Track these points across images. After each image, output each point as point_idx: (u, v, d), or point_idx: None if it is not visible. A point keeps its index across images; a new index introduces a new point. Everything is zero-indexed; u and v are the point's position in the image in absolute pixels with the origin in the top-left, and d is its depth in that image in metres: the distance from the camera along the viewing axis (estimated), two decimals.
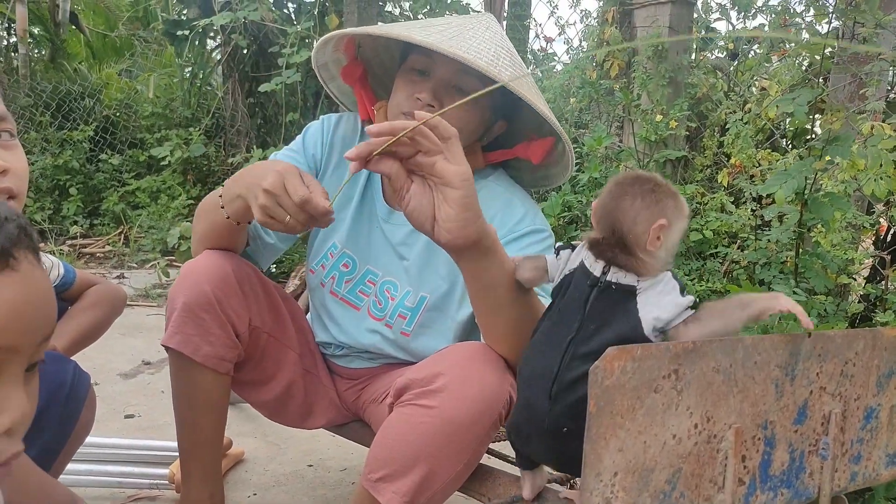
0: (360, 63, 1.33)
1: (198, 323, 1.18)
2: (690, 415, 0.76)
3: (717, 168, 2.83)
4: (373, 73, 1.38)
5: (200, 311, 1.18)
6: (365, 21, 3.48)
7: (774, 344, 0.82)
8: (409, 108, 1.19)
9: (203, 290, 1.18)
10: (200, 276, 1.19)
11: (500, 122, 1.30)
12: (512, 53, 1.21)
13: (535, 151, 1.26)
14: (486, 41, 1.17)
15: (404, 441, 1.02)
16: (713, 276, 2.38)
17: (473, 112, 1.22)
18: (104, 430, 1.91)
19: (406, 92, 1.21)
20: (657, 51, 2.77)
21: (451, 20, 1.25)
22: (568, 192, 2.58)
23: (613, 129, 2.94)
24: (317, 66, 1.35)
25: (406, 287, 1.29)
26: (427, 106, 1.18)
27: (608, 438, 0.69)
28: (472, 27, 1.21)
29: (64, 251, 4.40)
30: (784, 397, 0.84)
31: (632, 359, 0.70)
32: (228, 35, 4.37)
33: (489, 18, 1.28)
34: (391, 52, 1.35)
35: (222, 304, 1.19)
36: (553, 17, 4.19)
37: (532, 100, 1.14)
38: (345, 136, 1.35)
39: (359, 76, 1.32)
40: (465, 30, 1.19)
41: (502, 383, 1.01)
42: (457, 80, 1.19)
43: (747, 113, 2.62)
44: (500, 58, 1.16)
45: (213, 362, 1.21)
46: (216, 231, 1.21)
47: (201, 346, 1.19)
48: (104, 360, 2.51)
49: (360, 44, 1.32)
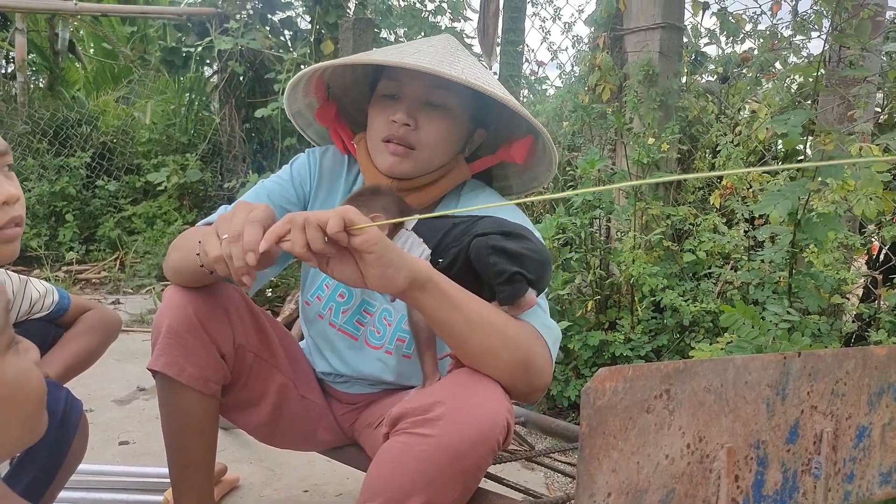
0: (332, 103, 1.35)
1: (182, 345, 1.19)
2: (683, 435, 0.76)
3: (708, 190, 2.85)
4: (346, 112, 1.40)
5: (184, 333, 1.19)
6: (360, 47, 3.53)
7: (765, 364, 0.82)
8: (386, 133, 1.21)
9: (186, 313, 1.19)
10: (183, 300, 1.20)
11: (479, 130, 1.31)
12: (475, 63, 1.23)
13: (518, 151, 1.27)
14: (449, 54, 1.20)
15: (401, 470, 1.01)
16: (707, 297, 2.39)
17: (451, 125, 1.24)
18: (98, 457, 1.89)
19: (382, 118, 1.23)
20: (648, 75, 2.81)
21: (410, 43, 1.28)
22: (562, 214, 2.60)
23: (606, 152, 2.97)
24: (291, 115, 1.37)
25: (402, 311, 1.30)
26: (403, 125, 1.20)
27: (601, 459, 0.70)
28: (433, 44, 1.24)
29: (60, 277, 4.40)
30: (776, 416, 0.85)
31: (623, 379, 0.70)
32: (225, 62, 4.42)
33: (448, 37, 1.30)
34: (360, 86, 1.37)
35: (206, 326, 1.20)
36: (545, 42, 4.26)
37: (502, 97, 1.15)
38: (333, 168, 1.37)
39: (333, 115, 1.34)
40: (427, 48, 1.22)
41: (500, 410, 1.01)
42: (427, 95, 1.22)
43: (738, 135, 2.65)
44: (467, 67, 1.18)
45: (198, 384, 1.21)
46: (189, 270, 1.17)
47: (186, 367, 1.20)
48: (99, 385, 2.50)
49: (329, 84, 1.34)
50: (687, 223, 2.63)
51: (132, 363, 2.84)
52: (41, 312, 1.34)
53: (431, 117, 1.22)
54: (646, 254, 2.51)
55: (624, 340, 2.43)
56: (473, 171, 1.32)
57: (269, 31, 4.49)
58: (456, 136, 1.26)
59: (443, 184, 1.28)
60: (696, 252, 2.50)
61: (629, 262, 2.45)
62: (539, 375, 1.06)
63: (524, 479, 1.96)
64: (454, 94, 1.22)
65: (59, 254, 4.75)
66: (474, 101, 1.23)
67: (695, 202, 2.81)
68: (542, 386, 1.08)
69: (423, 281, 0.97)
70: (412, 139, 1.21)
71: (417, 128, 1.21)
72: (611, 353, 2.43)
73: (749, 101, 2.85)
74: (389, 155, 1.21)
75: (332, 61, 1.22)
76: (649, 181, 1.78)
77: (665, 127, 2.69)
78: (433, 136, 1.22)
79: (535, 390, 1.08)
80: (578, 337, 2.45)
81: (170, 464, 1.28)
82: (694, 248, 2.52)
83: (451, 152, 1.27)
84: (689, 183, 2.88)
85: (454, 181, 1.29)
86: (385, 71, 1.25)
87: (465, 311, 1.01)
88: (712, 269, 2.51)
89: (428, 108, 1.22)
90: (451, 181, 1.29)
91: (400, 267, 0.94)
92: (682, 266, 2.55)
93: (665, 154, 2.67)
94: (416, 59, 1.15)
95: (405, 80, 1.21)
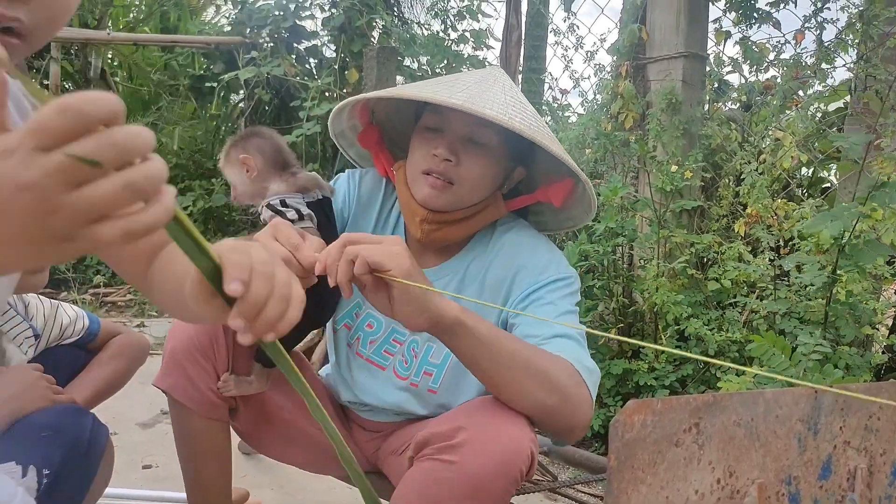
0: (375, 127, 1.36)
1: (184, 368, 1.21)
2: (713, 469, 0.75)
3: (733, 218, 2.83)
4: (388, 137, 1.42)
5: (186, 357, 1.21)
6: (383, 75, 3.58)
7: (796, 398, 0.81)
8: (427, 166, 1.22)
9: (189, 336, 1.21)
10: (188, 325, 1.22)
11: (518, 168, 1.31)
12: (523, 102, 1.24)
13: (556, 194, 1.27)
14: (496, 93, 1.20)
15: (424, 496, 1.01)
16: (733, 326, 2.36)
17: (491, 163, 1.24)
18: (122, 481, 1.90)
19: (423, 150, 1.23)
20: (671, 103, 2.81)
21: (459, 77, 1.29)
22: (585, 241, 2.59)
23: (629, 180, 2.97)
24: (334, 135, 1.39)
25: (428, 343, 1.30)
26: (444, 161, 1.20)
27: (630, 493, 0.69)
28: (481, 80, 1.24)
29: (87, 300, 4.47)
30: (807, 452, 0.83)
31: (652, 412, 0.70)
32: (252, 89, 4.51)
33: (497, 71, 1.31)
34: (403, 114, 1.39)
35: (206, 351, 1.21)
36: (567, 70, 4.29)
37: (545, 142, 1.16)
38: (371, 191, 1.38)
39: (375, 140, 1.36)
40: (475, 84, 1.23)
41: (523, 438, 1.01)
42: (470, 132, 1.22)
43: (762, 163, 2.64)
44: (510, 106, 1.18)
45: (202, 408, 1.22)
46: None
47: (188, 389, 1.21)
48: (123, 409, 2.52)
49: (374, 109, 1.36)
50: (711, 251, 2.61)
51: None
52: (72, 338, 1.36)
53: (472, 154, 1.22)
54: (669, 282, 2.49)
55: (648, 369, 2.40)
56: (510, 208, 1.32)
57: (295, 60, 4.58)
58: (495, 173, 1.27)
59: (478, 220, 1.28)
60: (721, 280, 2.47)
61: (653, 290, 2.43)
62: (575, 416, 1.05)
63: None
64: (496, 133, 1.22)
65: (87, 276, 4.83)
66: (517, 139, 1.23)
67: (719, 230, 2.79)
68: (579, 427, 1.06)
69: (453, 318, 0.98)
70: (452, 174, 1.21)
71: (458, 163, 1.21)
72: (634, 382, 2.41)
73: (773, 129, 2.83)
74: (428, 187, 1.22)
75: (377, 92, 1.23)
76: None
77: (689, 155, 2.69)
78: (473, 174, 1.22)
79: (571, 430, 1.06)
80: (601, 365, 2.43)
81: (186, 486, 1.29)
82: (719, 277, 2.49)
83: (488, 189, 1.27)
84: (713, 210, 2.86)
85: (489, 217, 1.30)
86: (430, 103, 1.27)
87: (493, 350, 1.01)
88: (737, 298, 2.48)
89: (470, 145, 1.22)
90: (486, 217, 1.29)
91: (423, 309, 0.96)
92: (706, 294, 2.53)
93: (689, 182, 2.66)
94: (465, 96, 1.16)
95: (449, 115, 1.21)
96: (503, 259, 1.27)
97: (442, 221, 1.25)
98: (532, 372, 1.03)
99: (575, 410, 1.05)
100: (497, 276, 1.27)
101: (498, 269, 1.27)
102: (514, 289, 1.24)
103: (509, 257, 1.27)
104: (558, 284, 1.22)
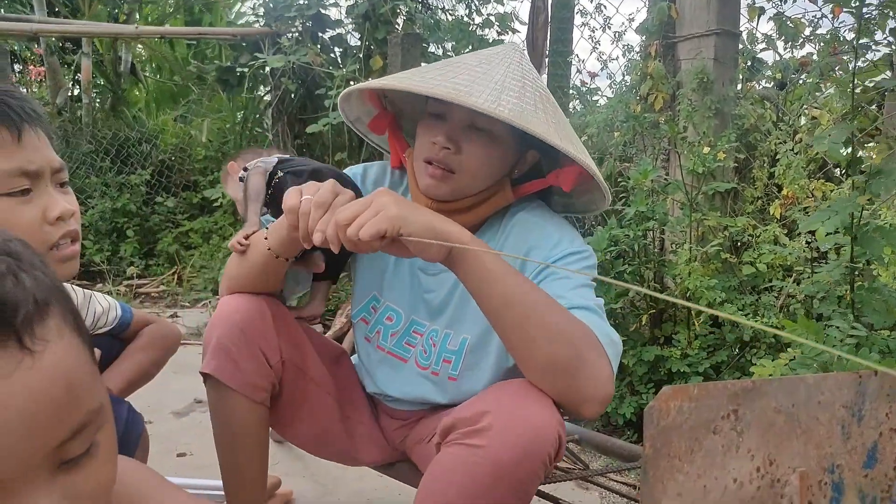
0: (388, 112, 1.35)
1: (231, 352, 1.21)
2: (752, 457, 0.72)
3: (768, 200, 2.76)
4: (406, 120, 1.40)
5: (233, 341, 1.21)
6: (408, 62, 3.56)
7: (839, 383, 0.78)
8: (427, 154, 1.20)
9: (234, 322, 1.21)
10: (234, 311, 1.23)
11: (531, 152, 1.27)
12: (526, 83, 1.19)
13: (566, 179, 1.23)
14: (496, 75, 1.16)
15: (451, 481, 1.00)
16: (768, 311, 2.30)
17: (495, 150, 1.21)
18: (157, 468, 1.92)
19: (425, 138, 1.21)
20: (702, 82, 2.74)
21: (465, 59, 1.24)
22: (614, 226, 2.55)
23: (659, 163, 2.91)
24: (350, 122, 1.38)
25: (446, 330, 1.29)
26: (443, 149, 1.18)
27: (665, 482, 0.67)
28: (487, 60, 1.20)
29: (121, 292, 4.55)
30: (851, 439, 0.80)
31: (688, 398, 0.67)
32: (278, 79, 4.52)
33: (510, 48, 1.26)
34: (413, 99, 1.36)
35: (254, 335, 1.22)
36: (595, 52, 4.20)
37: (536, 130, 1.10)
38: (376, 180, 1.38)
39: (389, 125, 1.34)
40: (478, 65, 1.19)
41: (550, 421, 0.99)
42: (471, 119, 1.18)
43: (798, 143, 2.57)
44: (506, 90, 1.13)
45: (247, 389, 1.23)
46: (254, 269, 1.23)
47: (235, 373, 1.22)
48: (157, 398, 2.56)
49: (385, 93, 1.34)
50: (745, 234, 2.55)
51: (189, 376, 2.90)
52: (105, 327, 1.38)
53: (474, 141, 1.19)
54: (702, 266, 2.44)
55: (681, 356, 2.36)
56: (521, 193, 1.29)
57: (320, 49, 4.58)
58: (500, 160, 1.23)
59: (486, 207, 1.26)
60: (756, 264, 2.41)
61: (685, 274, 2.38)
62: (591, 385, 0.99)
63: (579, 498, 1.92)
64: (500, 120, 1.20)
65: (121, 268, 4.92)
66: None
67: (753, 213, 2.72)
68: (596, 398, 1.00)
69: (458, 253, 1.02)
70: (452, 163, 1.18)
71: (459, 152, 1.18)
72: (667, 369, 2.37)
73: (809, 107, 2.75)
74: (428, 177, 1.20)
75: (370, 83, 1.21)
76: None
77: (721, 135, 2.62)
78: (474, 161, 1.19)
79: (586, 402, 1.00)
80: (633, 352, 2.40)
81: (223, 472, 1.30)
82: (753, 261, 2.43)
83: (493, 177, 1.24)
84: (748, 193, 2.79)
85: (497, 204, 1.27)
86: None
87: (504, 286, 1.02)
88: (773, 283, 2.42)
89: (472, 132, 1.19)
90: (493, 204, 1.26)
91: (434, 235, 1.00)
92: (741, 279, 2.47)
93: (721, 163, 2.59)
94: (462, 80, 1.13)
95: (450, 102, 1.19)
96: (513, 242, 1.25)
97: (448, 210, 1.22)
98: (546, 320, 1.00)
99: (592, 377, 1.00)
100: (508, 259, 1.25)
101: (510, 251, 1.25)
102: (527, 269, 1.21)
103: (519, 239, 1.24)
104: (572, 258, 1.19)
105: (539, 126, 1.12)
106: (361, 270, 1.38)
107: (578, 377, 0.99)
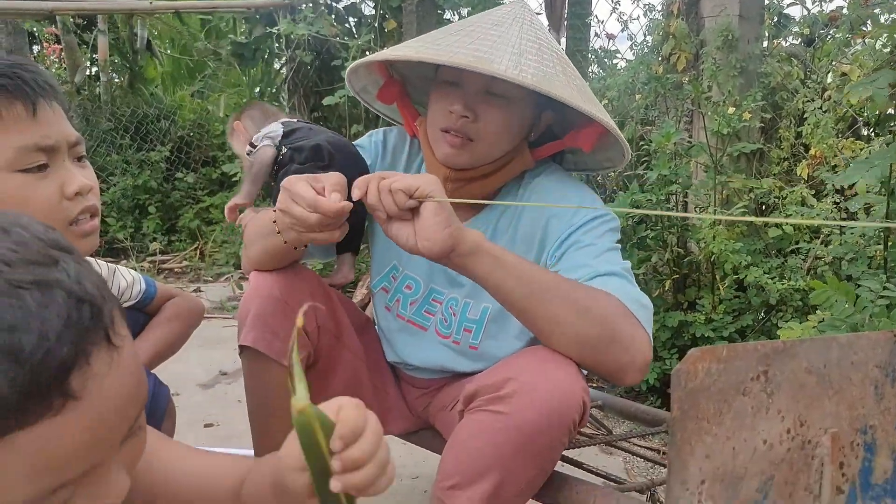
0: (396, 81, 1.32)
1: (269, 323, 1.20)
2: (782, 419, 0.71)
3: (795, 160, 2.69)
4: (413, 87, 1.37)
5: (271, 312, 1.20)
6: (423, 29, 3.51)
7: (872, 342, 0.76)
8: (445, 124, 1.17)
9: (272, 294, 1.20)
10: (268, 282, 1.21)
11: (546, 113, 1.25)
12: (542, 43, 1.16)
13: (585, 139, 1.21)
14: (512, 37, 1.13)
15: (475, 448, 1.00)
16: (795, 274, 2.26)
17: (513, 115, 1.19)
18: (184, 439, 1.95)
19: (440, 106, 1.19)
20: (727, 40, 2.66)
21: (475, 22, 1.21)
22: (636, 190, 2.51)
23: (682, 125, 2.84)
24: (356, 92, 1.36)
25: (466, 299, 1.27)
26: (461, 118, 1.15)
27: (693, 444, 0.66)
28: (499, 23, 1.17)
29: (145, 268, 4.61)
30: (885, 400, 0.78)
31: (716, 360, 0.66)
32: (293, 51, 4.49)
33: (518, 7, 1.23)
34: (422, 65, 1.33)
35: (290, 304, 1.21)
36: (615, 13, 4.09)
37: (561, 94, 1.08)
38: (395, 147, 1.36)
39: (397, 94, 1.32)
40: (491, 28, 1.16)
41: (574, 387, 0.98)
42: (487, 85, 1.16)
43: (827, 101, 2.49)
44: (525, 53, 1.11)
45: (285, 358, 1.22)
46: (276, 256, 1.20)
47: (273, 342, 1.20)
48: (183, 370, 2.60)
49: (393, 63, 1.31)
50: (772, 196, 2.49)
51: (214, 349, 2.95)
52: (130, 301, 1.39)
53: (492, 107, 1.16)
54: (727, 230, 2.39)
55: (705, 321, 2.33)
56: (538, 156, 1.27)
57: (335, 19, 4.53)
58: (517, 125, 1.21)
59: (504, 173, 1.24)
60: (783, 226, 2.37)
61: (709, 238, 2.34)
62: (627, 353, 0.99)
63: (602, 463, 1.92)
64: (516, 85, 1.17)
65: (144, 245, 4.97)
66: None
67: (780, 174, 2.66)
68: (634, 366, 1.00)
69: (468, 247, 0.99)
70: (471, 131, 1.16)
71: (476, 119, 1.16)
72: (691, 334, 2.34)
73: (838, 63, 2.66)
74: (447, 146, 1.18)
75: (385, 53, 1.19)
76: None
77: (746, 95, 2.55)
78: (493, 128, 1.17)
79: (624, 369, 1.00)
80: (656, 318, 2.37)
81: (255, 441, 1.30)
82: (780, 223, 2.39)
83: (512, 142, 1.22)
84: (774, 153, 2.72)
85: (516, 170, 1.25)
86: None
87: (523, 280, 0.99)
88: (800, 245, 2.37)
89: (488, 98, 1.16)
90: (512, 170, 1.24)
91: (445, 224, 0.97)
92: (767, 242, 2.43)
93: (747, 123, 2.53)
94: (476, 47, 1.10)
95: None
96: (531, 211, 1.23)
97: (466, 178, 1.21)
98: (570, 302, 0.99)
99: (628, 346, 1.00)
100: (528, 227, 1.23)
101: (528, 221, 1.23)
102: (549, 238, 1.19)
103: (538, 210, 1.22)
104: (594, 223, 1.17)
105: (563, 90, 1.10)
106: (380, 241, 1.37)
107: (612, 350, 0.99)
